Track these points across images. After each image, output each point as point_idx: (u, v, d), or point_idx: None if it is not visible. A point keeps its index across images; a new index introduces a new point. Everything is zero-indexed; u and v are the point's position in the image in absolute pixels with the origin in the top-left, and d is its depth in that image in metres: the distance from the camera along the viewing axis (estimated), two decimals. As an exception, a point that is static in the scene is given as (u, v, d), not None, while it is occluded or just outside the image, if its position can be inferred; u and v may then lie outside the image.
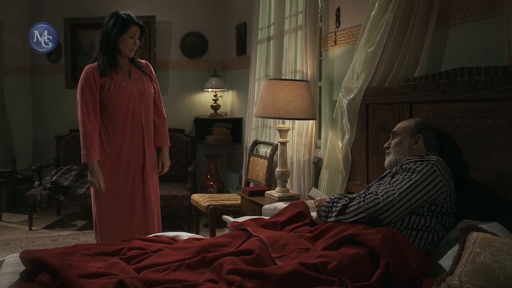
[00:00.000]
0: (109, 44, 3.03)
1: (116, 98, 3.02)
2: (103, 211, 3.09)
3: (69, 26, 5.74)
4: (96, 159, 2.98)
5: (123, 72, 3.09)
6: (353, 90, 2.92)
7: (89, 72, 3.00)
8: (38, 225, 5.11)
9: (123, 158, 3.09)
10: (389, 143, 2.37)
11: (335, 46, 3.44)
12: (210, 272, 1.89)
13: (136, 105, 3.08)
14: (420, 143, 2.25)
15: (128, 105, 3.05)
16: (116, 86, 3.02)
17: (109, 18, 3.09)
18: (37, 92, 6.26)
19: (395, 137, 2.34)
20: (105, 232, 3.09)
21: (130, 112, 3.07)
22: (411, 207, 2.02)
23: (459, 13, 2.41)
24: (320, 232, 2.11)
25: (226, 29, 5.70)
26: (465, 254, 1.67)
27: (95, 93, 2.99)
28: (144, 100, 3.12)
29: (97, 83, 2.99)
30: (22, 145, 6.19)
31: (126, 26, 3.03)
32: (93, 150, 2.97)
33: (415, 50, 2.61)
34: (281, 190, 3.47)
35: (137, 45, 3.10)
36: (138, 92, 3.08)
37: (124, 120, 3.07)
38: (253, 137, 4.60)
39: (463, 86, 2.17)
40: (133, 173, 3.11)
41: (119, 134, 3.07)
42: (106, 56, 3.03)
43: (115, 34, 3.01)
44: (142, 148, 3.13)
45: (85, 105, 2.97)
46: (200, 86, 5.72)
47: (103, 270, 1.89)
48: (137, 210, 3.12)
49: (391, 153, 2.33)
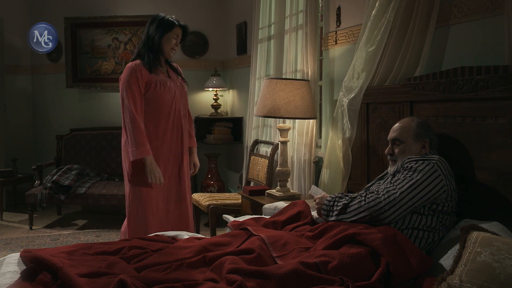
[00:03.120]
0: (153, 43, 3.07)
1: (161, 97, 3.05)
2: (139, 210, 3.06)
3: (69, 25, 5.74)
4: (151, 153, 2.96)
5: (163, 72, 3.14)
6: (353, 90, 2.91)
7: (135, 68, 3.01)
8: (38, 225, 5.11)
9: (163, 158, 3.10)
10: (391, 150, 2.28)
11: (336, 46, 3.43)
12: (211, 271, 1.89)
13: (177, 105, 3.13)
14: (427, 147, 2.22)
15: (171, 105, 3.09)
16: (162, 85, 3.06)
17: (154, 18, 3.14)
18: (37, 92, 6.26)
19: (397, 144, 2.26)
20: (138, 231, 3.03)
21: (172, 112, 3.10)
22: (412, 206, 2.01)
23: (459, 12, 2.41)
24: (320, 231, 2.11)
25: (227, 28, 5.70)
26: (465, 253, 1.67)
27: (142, 88, 3.01)
28: (183, 101, 3.19)
29: (144, 79, 3.01)
30: (23, 144, 6.19)
31: (172, 26, 3.09)
32: (147, 144, 2.95)
33: (416, 50, 2.61)
34: (281, 189, 3.46)
35: (178, 46, 3.17)
36: (178, 93, 3.14)
37: (166, 120, 3.09)
38: (254, 136, 4.60)
39: (464, 86, 2.17)
40: (170, 174, 3.13)
41: (160, 133, 3.09)
42: (152, 53, 3.07)
43: (160, 33, 3.06)
44: (181, 148, 3.17)
45: (133, 100, 2.96)
46: (200, 85, 5.71)
47: (103, 269, 1.89)
48: (172, 209, 3.14)
49: (398, 161, 2.24)
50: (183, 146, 3.19)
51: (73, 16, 5.74)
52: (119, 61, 5.82)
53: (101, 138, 5.62)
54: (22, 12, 6.09)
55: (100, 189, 4.90)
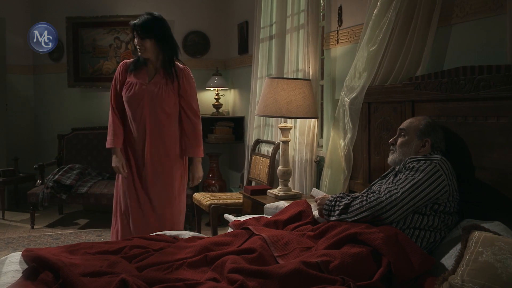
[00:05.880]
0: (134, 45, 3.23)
1: (127, 98, 3.14)
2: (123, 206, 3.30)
3: (71, 25, 5.74)
4: (115, 145, 3.16)
5: (148, 75, 3.16)
6: (355, 89, 2.91)
7: (118, 67, 3.25)
8: (40, 224, 5.12)
9: (129, 160, 3.23)
10: (394, 140, 2.33)
11: (337, 45, 3.43)
12: (212, 271, 1.88)
13: (144, 110, 3.11)
14: (428, 146, 2.22)
15: (136, 108, 3.13)
16: (131, 87, 3.13)
17: None
18: (39, 91, 6.27)
19: (402, 135, 2.30)
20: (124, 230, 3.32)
21: (137, 116, 3.13)
22: (414, 206, 2.01)
23: (461, 11, 2.40)
24: (322, 231, 2.11)
25: (228, 28, 5.70)
26: (467, 253, 1.67)
27: (118, 87, 3.19)
28: (153, 106, 3.10)
29: (121, 78, 3.20)
30: (25, 143, 6.20)
31: (132, 29, 3.15)
32: (112, 136, 3.16)
33: (418, 49, 2.61)
34: (283, 189, 3.46)
35: (142, 45, 3.08)
36: (149, 97, 3.09)
37: (132, 122, 3.17)
38: (255, 136, 4.60)
39: (466, 85, 2.17)
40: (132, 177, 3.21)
41: (130, 136, 3.22)
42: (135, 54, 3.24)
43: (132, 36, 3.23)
44: (142, 155, 3.16)
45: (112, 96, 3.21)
46: (202, 84, 5.71)
47: (105, 268, 1.89)
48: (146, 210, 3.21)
49: (396, 151, 2.30)
50: (147, 152, 3.15)
51: (75, 16, 5.74)
52: (121, 60, 5.81)
53: (102, 137, 5.57)
54: (23, 11, 6.10)
55: (102, 189, 4.90)
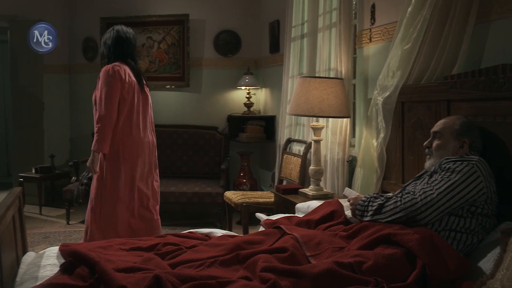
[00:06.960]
0: None
1: None
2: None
3: (105, 25, 5.83)
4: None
5: None
6: (388, 88, 2.87)
7: None
8: (75, 219, 5.25)
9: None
10: (429, 143, 2.26)
11: (370, 43, 3.39)
12: (244, 269, 1.89)
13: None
14: (466, 147, 2.15)
15: None
16: None
17: None
18: (74, 90, 6.42)
19: (437, 137, 2.23)
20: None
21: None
22: (449, 208, 1.96)
23: (501, 7, 2.33)
24: (355, 231, 2.09)
25: (259, 26, 5.70)
26: (507, 257, 1.62)
27: None
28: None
29: None
30: (60, 141, 6.37)
31: None
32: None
33: (453, 47, 2.55)
34: (314, 188, 3.45)
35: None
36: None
37: None
38: (286, 135, 4.59)
39: (505, 84, 2.11)
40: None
41: None
42: None
43: None
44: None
45: None
46: (233, 84, 5.74)
47: (138, 265, 1.92)
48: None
49: (433, 156, 2.22)
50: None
51: (109, 16, 5.85)
52: (153, 60, 5.90)
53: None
54: (59, 12, 6.25)
55: (134, 186, 4.97)
